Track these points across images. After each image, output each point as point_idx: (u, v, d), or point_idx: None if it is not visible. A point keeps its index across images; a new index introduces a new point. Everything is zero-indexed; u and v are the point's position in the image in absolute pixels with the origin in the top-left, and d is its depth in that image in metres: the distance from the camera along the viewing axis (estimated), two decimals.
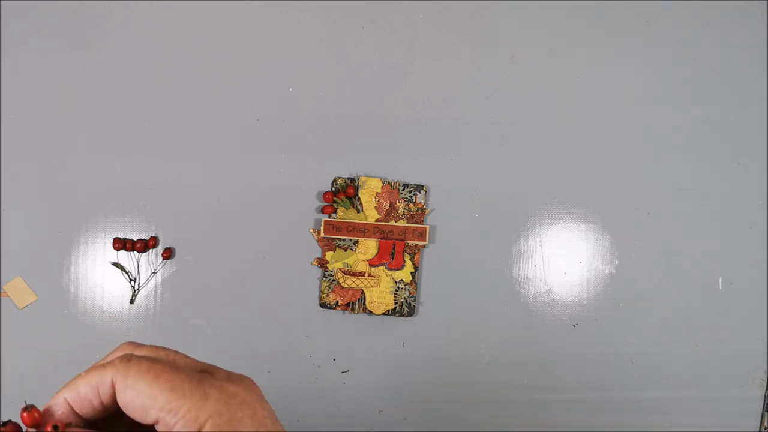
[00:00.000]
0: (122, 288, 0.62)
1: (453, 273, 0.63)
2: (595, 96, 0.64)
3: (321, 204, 0.63)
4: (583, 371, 0.62)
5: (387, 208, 0.62)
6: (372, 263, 0.62)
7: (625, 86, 0.64)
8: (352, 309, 0.62)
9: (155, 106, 0.63)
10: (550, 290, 0.63)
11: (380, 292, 0.62)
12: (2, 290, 0.62)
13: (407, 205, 0.62)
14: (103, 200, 0.62)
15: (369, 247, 0.62)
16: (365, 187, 0.62)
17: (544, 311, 0.63)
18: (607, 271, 0.63)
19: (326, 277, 0.62)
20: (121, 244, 0.62)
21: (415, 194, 0.62)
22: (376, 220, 0.62)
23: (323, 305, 0.62)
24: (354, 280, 0.61)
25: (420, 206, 0.62)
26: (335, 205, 0.62)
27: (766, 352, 0.63)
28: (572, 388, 0.62)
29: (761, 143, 0.64)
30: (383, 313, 0.62)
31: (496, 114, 0.64)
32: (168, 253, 0.62)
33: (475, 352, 0.62)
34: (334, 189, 0.62)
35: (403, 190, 0.62)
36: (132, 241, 0.62)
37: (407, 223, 0.62)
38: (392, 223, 0.62)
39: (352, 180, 0.62)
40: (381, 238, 0.62)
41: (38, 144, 0.62)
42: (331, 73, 0.64)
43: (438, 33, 0.64)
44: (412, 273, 0.62)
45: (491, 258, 0.63)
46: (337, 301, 0.62)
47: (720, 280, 0.63)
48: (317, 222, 0.63)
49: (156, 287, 0.62)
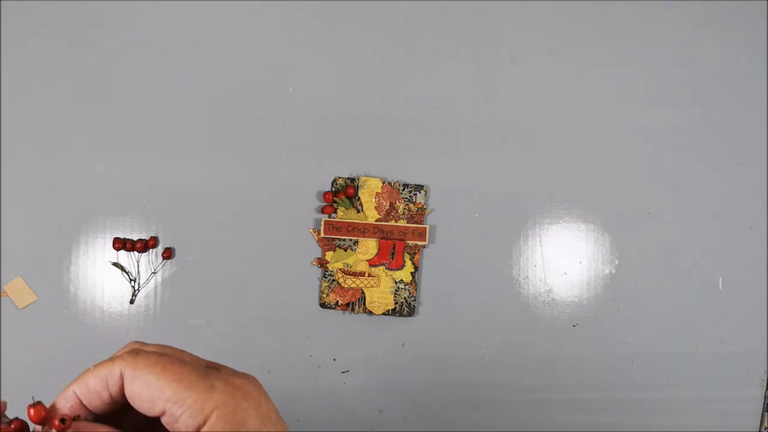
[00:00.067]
0: (122, 288, 0.62)
1: (453, 273, 0.63)
2: (595, 96, 0.64)
3: (321, 204, 0.63)
4: (583, 371, 0.62)
5: (387, 208, 0.62)
6: (372, 263, 0.62)
7: (625, 86, 0.64)
8: (352, 309, 0.62)
9: (155, 106, 0.63)
10: (550, 290, 0.63)
11: (380, 292, 0.62)
12: (2, 290, 0.62)
13: (407, 205, 0.62)
14: (103, 200, 0.62)
15: (369, 247, 0.62)
16: (365, 187, 0.62)
17: (544, 311, 0.63)
18: (607, 271, 0.63)
19: (326, 277, 0.62)
20: (121, 244, 0.62)
21: (415, 194, 0.62)
22: (376, 220, 0.62)
23: (323, 305, 0.62)
24: (354, 280, 0.61)
25: (420, 206, 0.62)
26: (335, 205, 0.62)
27: (766, 352, 0.63)
28: (572, 388, 0.62)
29: (761, 143, 0.64)
30: (383, 313, 0.62)
31: (496, 114, 0.64)
32: (168, 253, 0.62)
33: (475, 352, 0.62)
34: (334, 189, 0.62)
35: (403, 190, 0.62)
36: (132, 241, 0.62)
37: (407, 223, 0.62)
38: (392, 223, 0.62)
39: (352, 180, 0.62)
40: (381, 238, 0.62)
41: (38, 144, 0.62)
42: (331, 73, 0.64)
43: (438, 33, 0.64)
44: (412, 273, 0.62)
45: (491, 258, 0.63)
46: (337, 301, 0.62)
47: (720, 280, 0.63)
48: (317, 222, 0.63)
49: (156, 287, 0.62)
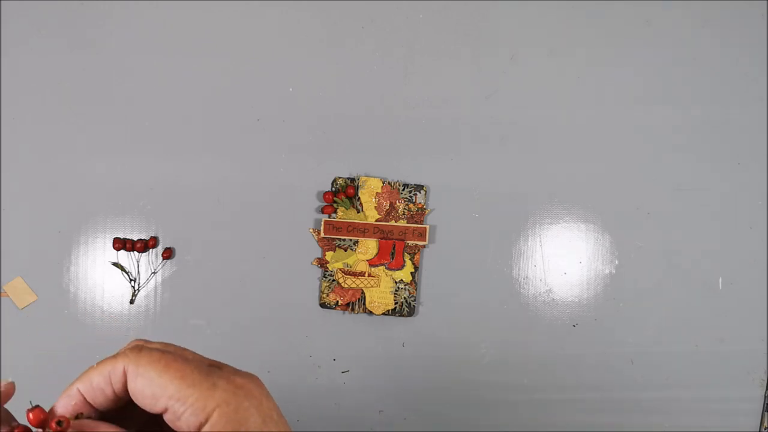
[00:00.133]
0: (122, 288, 0.62)
1: (453, 273, 0.63)
2: (595, 96, 0.64)
3: (321, 204, 0.63)
4: (583, 371, 0.62)
5: (387, 208, 0.62)
6: (372, 263, 0.62)
7: (625, 86, 0.64)
8: (352, 309, 0.62)
9: (155, 106, 0.63)
10: (550, 290, 0.63)
11: (380, 292, 0.62)
12: (2, 290, 0.62)
13: (407, 205, 0.62)
14: (103, 200, 0.62)
15: (369, 247, 0.62)
16: (365, 187, 0.62)
17: (544, 311, 0.63)
18: (607, 271, 0.63)
19: (326, 277, 0.62)
20: (121, 244, 0.62)
21: (415, 194, 0.62)
22: (376, 220, 0.62)
23: (323, 305, 0.62)
24: (354, 280, 0.61)
25: (420, 206, 0.62)
26: (335, 205, 0.62)
27: (766, 352, 0.63)
28: (572, 388, 0.62)
29: (761, 143, 0.64)
30: (383, 313, 0.62)
31: (496, 114, 0.64)
32: (168, 253, 0.62)
33: (475, 352, 0.62)
34: (334, 189, 0.62)
35: (403, 190, 0.62)
36: (132, 241, 0.62)
37: (407, 223, 0.62)
38: (392, 223, 0.62)
39: (352, 180, 0.62)
40: (381, 238, 0.62)
41: (38, 144, 0.62)
42: (331, 73, 0.64)
43: (438, 33, 0.64)
44: (412, 273, 0.62)
45: (491, 258, 0.63)
46: (337, 301, 0.62)
47: (720, 280, 0.63)
48: (317, 222, 0.63)
49: (156, 287, 0.62)
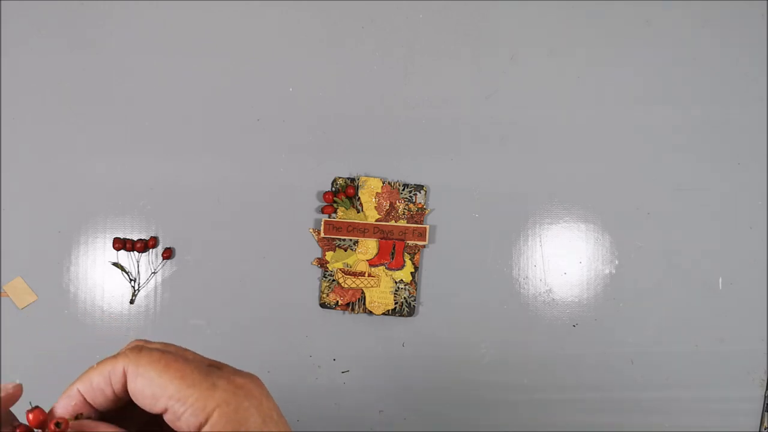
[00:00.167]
0: (122, 288, 0.62)
1: (453, 273, 0.63)
2: (595, 96, 0.64)
3: (321, 204, 0.63)
4: (583, 371, 0.62)
5: (387, 208, 0.62)
6: (372, 263, 0.62)
7: (625, 86, 0.64)
8: (352, 309, 0.62)
9: (155, 106, 0.63)
10: (550, 290, 0.63)
11: (380, 292, 0.62)
12: (2, 290, 0.62)
13: (407, 205, 0.62)
14: (103, 200, 0.62)
15: (369, 247, 0.62)
16: (365, 187, 0.62)
17: (544, 311, 0.63)
18: (607, 271, 0.63)
19: (326, 277, 0.62)
20: (121, 244, 0.62)
21: (415, 194, 0.62)
22: (376, 220, 0.62)
23: (323, 305, 0.62)
24: (354, 280, 0.61)
25: (420, 206, 0.62)
26: (335, 205, 0.62)
27: (766, 352, 0.63)
28: (572, 388, 0.62)
29: (761, 143, 0.64)
30: (383, 313, 0.62)
31: (496, 114, 0.64)
32: (168, 253, 0.62)
33: (475, 352, 0.62)
34: (334, 189, 0.62)
35: (403, 190, 0.62)
36: (132, 241, 0.62)
37: (407, 223, 0.62)
38: (392, 223, 0.62)
39: (352, 180, 0.62)
40: (381, 238, 0.62)
41: (38, 144, 0.62)
42: (331, 73, 0.64)
43: (438, 33, 0.64)
44: (412, 273, 0.62)
45: (491, 258, 0.63)
46: (337, 301, 0.62)
47: (720, 280, 0.63)
48: (317, 222, 0.63)
49: (156, 287, 0.62)
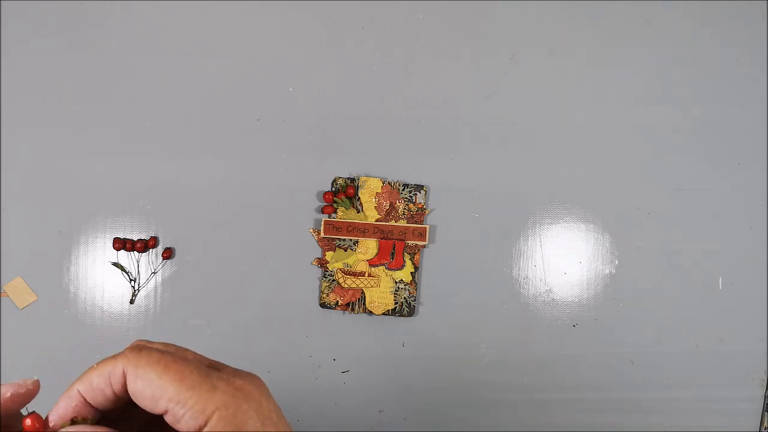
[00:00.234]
0: (122, 288, 0.62)
1: (453, 273, 0.63)
2: (595, 96, 0.64)
3: (321, 204, 0.63)
4: (583, 371, 0.62)
5: (387, 208, 0.62)
6: (372, 263, 0.62)
7: (625, 86, 0.64)
8: (352, 309, 0.62)
9: (155, 106, 0.63)
10: (550, 290, 0.63)
11: (380, 292, 0.62)
12: (2, 290, 0.62)
13: (407, 205, 0.62)
14: (103, 200, 0.62)
15: (369, 247, 0.62)
16: (365, 187, 0.62)
17: (544, 311, 0.63)
18: (607, 271, 0.63)
19: (326, 277, 0.62)
20: (121, 244, 0.62)
21: (415, 194, 0.62)
22: (376, 220, 0.62)
23: (323, 305, 0.62)
24: (354, 280, 0.61)
25: (420, 206, 0.62)
26: (335, 205, 0.62)
27: (766, 352, 0.63)
28: (572, 388, 0.62)
29: (761, 143, 0.64)
30: (383, 313, 0.62)
31: (496, 114, 0.64)
32: (168, 253, 0.62)
33: (475, 352, 0.62)
34: (334, 189, 0.62)
35: (403, 190, 0.62)
36: (132, 241, 0.62)
37: (407, 223, 0.62)
38: (392, 223, 0.62)
39: (352, 180, 0.62)
40: (381, 238, 0.62)
41: (38, 144, 0.62)
42: (331, 73, 0.64)
43: (438, 33, 0.64)
44: (412, 273, 0.62)
45: (491, 258, 0.63)
46: (337, 301, 0.62)
47: (720, 280, 0.63)
48: (317, 222, 0.63)
49: (156, 287, 0.62)
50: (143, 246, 0.62)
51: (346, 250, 0.62)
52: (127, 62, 0.63)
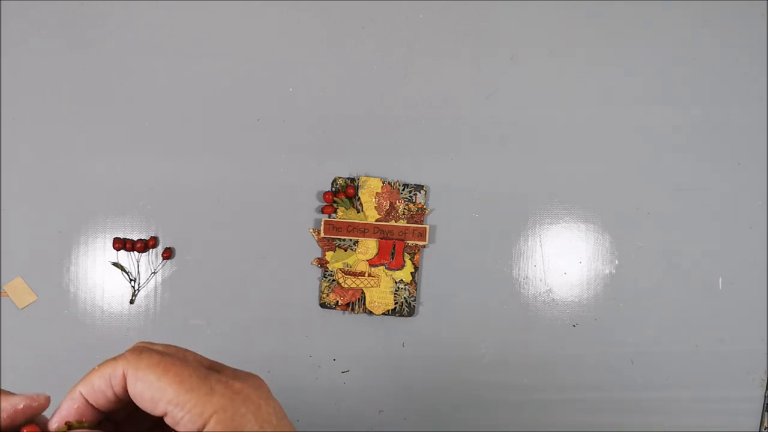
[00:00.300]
0: (122, 288, 0.62)
1: (453, 273, 0.63)
2: (595, 96, 0.64)
3: (321, 204, 0.63)
4: (583, 371, 0.62)
5: (387, 208, 0.62)
6: (372, 263, 0.62)
7: (625, 86, 0.64)
8: (352, 309, 0.62)
9: (155, 106, 0.63)
10: (550, 290, 0.63)
11: (380, 292, 0.62)
12: (2, 290, 0.62)
13: (407, 205, 0.62)
14: (103, 200, 0.62)
15: (369, 247, 0.62)
16: (365, 187, 0.62)
17: (544, 311, 0.63)
18: (607, 271, 0.63)
19: (326, 277, 0.62)
20: (121, 244, 0.62)
21: (415, 194, 0.62)
22: (376, 220, 0.62)
23: (323, 305, 0.62)
24: (354, 280, 0.61)
25: (420, 206, 0.62)
26: (335, 205, 0.62)
27: (766, 352, 0.63)
28: (572, 388, 0.62)
29: (761, 143, 0.64)
30: (383, 313, 0.62)
31: (496, 114, 0.64)
32: (168, 253, 0.62)
33: (475, 352, 0.62)
34: (334, 189, 0.62)
35: (403, 190, 0.62)
36: (132, 241, 0.62)
37: (407, 223, 0.62)
38: (392, 223, 0.62)
39: (352, 180, 0.62)
40: (381, 238, 0.62)
41: (38, 144, 0.62)
42: (331, 73, 0.64)
43: (438, 33, 0.64)
44: (412, 273, 0.62)
45: (491, 258, 0.63)
46: (337, 301, 0.62)
47: (720, 280, 0.63)
48: (317, 222, 0.63)
49: (156, 287, 0.62)
50: (143, 246, 0.62)
51: (346, 250, 0.62)
52: (127, 62, 0.63)
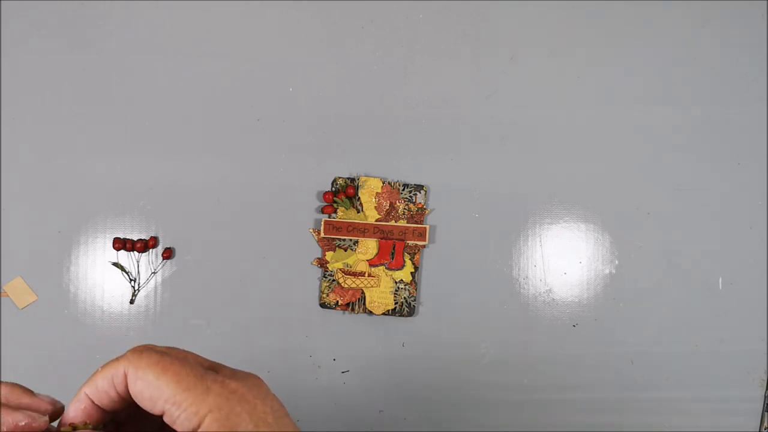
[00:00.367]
0: (122, 288, 0.62)
1: (453, 273, 0.63)
2: (595, 96, 0.64)
3: (321, 204, 0.63)
4: (583, 371, 0.63)
5: (387, 208, 0.62)
6: (372, 263, 0.62)
7: (625, 86, 0.64)
8: (352, 309, 0.62)
9: (155, 106, 0.63)
10: (550, 290, 0.63)
11: (380, 292, 0.62)
12: (2, 290, 0.62)
13: (407, 205, 0.62)
14: (103, 200, 0.62)
15: (369, 247, 0.62)
16: (365, 187, 0.62)
17: (544, 311, 0.63)
18: (607, 271, 0.63)
19: (326, 277, 0.62)
20: (121, 244, 0.62)
21: (415, 194, 0.62)
22: (376, 220, 0.62)
23: (323, 305, 0.62)
24: (354, 280, 0.61)
25: (420, 206, 0.62)
26: (335, 205, 0.62)
27: (766, 352, 0.63)
28: (572, 388, 0.62)
29: (761, 143, 0.64)
30: (383, 313, 0.62)
31: (496, 114, 0.64)
32: (168, 253, 0.62)
33: (475, 352, 0.62)
34: (334, 189, 0.62)
35: (403, 190, 0.62)
36: (132, 241, 0.62)
37: (407, 223, 0.62)
38: (392, 223, 0.62)
39: (352, 180, 0.62)
40: (381, 238, 0.62)
41: (38, 144, 0.62)
42: (331, 73, 0.64)
43: (438, 33, 0.64)
44: (412, 273, 0.62)
45: (491, 258, 0.63)
46: (337, 301, 0.62)
47: (720, 280, 0.63)
48: (317, 222, 0.63)
49: (156, 287, 0.62)
50: (143, 246, 0.62)
51: (346, 250, 0.62)
52: (127, 62, 0.63)
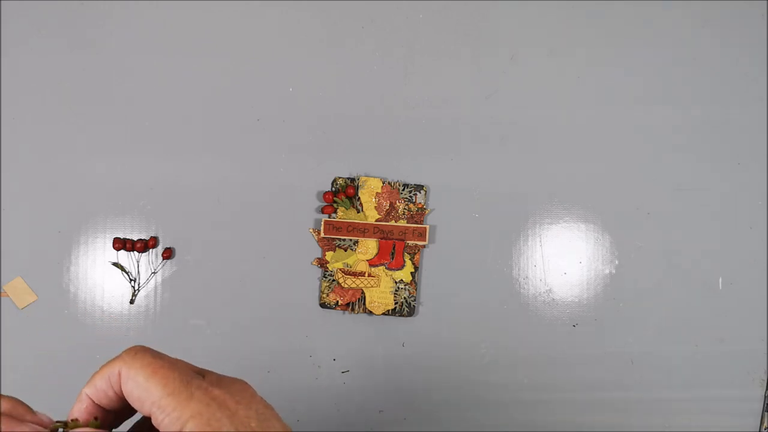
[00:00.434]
0: (122, 288, 0.62)
1: (453, 273, 0.63)
2: (595, 96, 0.64)
3: (321, 204, 0.63)
4: (583, 371, 0.63)
5: (387, 208, 0.62)
6: (372, 263, 0.62)
7: (625, 86, 0.64)
8: (352, 309, 0.62)
9: (155, 106, 0.63)
10: (550, 290, 0.63)
11: (380, 292, 0.62)
12: (2, 290, 0.62)
13: (407, 205, 0.62)
14: (103, 200, 0.62)
15: (369, 247, 0.62)
16: (365, 187, 0.62)
17: (544, 311, 0.63)
18: (607, 271, 0.63)
19: (326, 277, 0.62)
20: (121, 244, 0.62)
21: (415, 194, 0.62)
22: (376, 220, 0.62)
23: (323, 305, 0.62)
24: (354, 280, 0.61)
25: (420, 206, 0.62)
26: (335, 205, 0.62)
27: (766, 352, 0.63)
28: (572, 388, 0.62)
29: (761, 143, 0.64)
30: (383, 313, 0.62)
31: (496, 114, 0.64)
32: (168, 253, 0.62)
33: (475, 352, 0.62)
34: (334, 189, 0.62)
35: (403, 190, 0.62)
36: (132, 241, 0.62)
37: (407, 223, 0.62)
38: (392, 223, 0.62)
39: (352, 180, 0.62)
40: (381, 238, 0.62)
41: (38, 144, 0.62)
42: (331, 73, 0.64)
43: (438, 33, 0.64)
44: (412, 273, 0.62)
45: (491, 258, 0.63)
46: (337, 301, 0.62)
47: (720, 280, 0.63)
48: (317, 222, 0.63)
49: (156, 287, 0.62)
50: (143, 246, 0.62)
51: (346, 250, 0.62)
52: (127, 62, 0.63)
